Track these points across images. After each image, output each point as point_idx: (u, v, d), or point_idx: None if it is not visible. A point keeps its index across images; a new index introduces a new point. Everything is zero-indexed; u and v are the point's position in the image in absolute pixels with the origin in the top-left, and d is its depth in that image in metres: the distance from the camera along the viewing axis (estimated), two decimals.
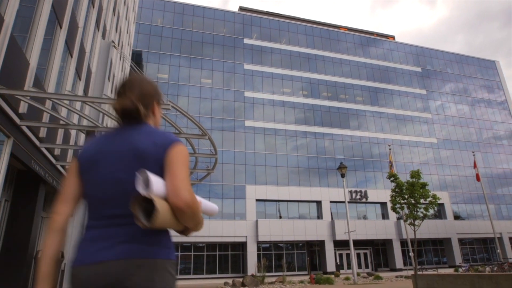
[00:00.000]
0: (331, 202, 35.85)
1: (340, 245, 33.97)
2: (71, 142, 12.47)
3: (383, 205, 37.25)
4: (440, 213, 39.50)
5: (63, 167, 11.85)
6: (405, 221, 14.92)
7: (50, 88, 9.60)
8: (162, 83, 35.76)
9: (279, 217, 34.33)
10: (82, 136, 12.94)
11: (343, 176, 21.95)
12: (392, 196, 15.28)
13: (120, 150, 1.33)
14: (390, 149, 28.80)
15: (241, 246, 32.74)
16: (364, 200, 36.80)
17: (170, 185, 1.22)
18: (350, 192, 36.17)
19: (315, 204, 35.99)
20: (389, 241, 35.71)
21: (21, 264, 8.97)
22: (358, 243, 34.04)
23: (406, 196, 14.55)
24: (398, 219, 35.14)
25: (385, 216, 37.20)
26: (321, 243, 34.10)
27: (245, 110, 37.59)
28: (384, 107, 43.43)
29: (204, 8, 40.89)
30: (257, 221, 32.32)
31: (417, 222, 14.14)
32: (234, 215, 32.40)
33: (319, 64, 42.91)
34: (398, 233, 35.36)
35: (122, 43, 24.60)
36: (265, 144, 36.58)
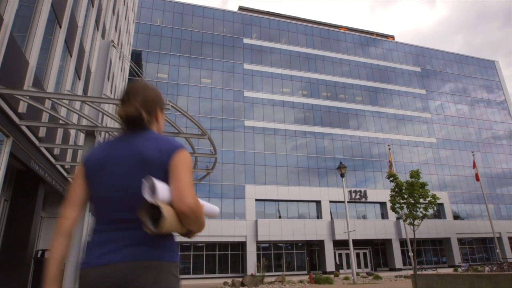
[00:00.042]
0: (330, 202, 35.87)
1: (340, 245, 33.98)
2: (71, 141, 12.46)
3: (382, 205, 37.27)
4: (440, 213, 39.54)
5: (62, 166, 11.84)
6: (404, 221, 14.92)
7: (50, 87, 9.59)
8: (162, 82, 35.75)
9: (278, 217, 34.34)
10: (82, 136, 12.93)
11: (342, 176, 21.97)
12: (391, 196, 15.26)
13: (126, 157, 1.37)
14: (389, 149, 28.82)
15: (240, 246, 32.75)
16: (363, 200, 36.83)
17: (175, 191, 1.27)
18: (350, 192, 36.19)
19: (314, 204, 36.00)
20: (389, 241, 35.74)
21: (20, 263, 8.96)
22: (358, 243, 34.06)
23: (406, 196, 14.53)
24: (398, 219, 35.17)
25: (384, 216, 37.23)
26: (320, 243, 34.12)
27: (244, 110, 37.59)
28: (383, 107, 43.45)
29: (203, 8, 40.87)
30: (256, 221, 32.33)
31: (416, 222, 14.14)
32: (233, 215, 32.39)
33: (318, 64, 42.92)
34: (397, 233, 35.39)
35: (122, 43, 24.59)
36: (264, 144, 36.58)
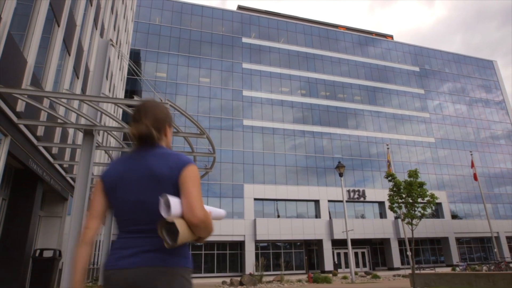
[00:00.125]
0: (329, 201, 35.91)
1: (338, 244, 34.04)
2: (69, 141, 12.44)
3: (381, 204, 37.34)
4: (438, 213, 39.62)
5: (60, 166, 11.82)
6: (402, 220, 14.93)
7: (48, 86, 9.57)
8: (160, 82, 35.71)
9: (277, 216, 34.36)
10: (80, 135, 12.90)
11: (341, 175, 21.98)
12: (389, 196, 15.26)
13: (140, 174, 1.53)
14: (388, 149, 28.84)
15: (239, 245, 32.76)
16: (362, 199, 36.88)
17: (186, 205, 1.44)
18: (348, 191, 36.23)
19: (313, 203, 36.03)
20: (387, 240, 35.81)
21: (18, 263, 8.95)
22: (356, 242, 34.11)
23: (404, 196, 14.54)
24: (396, 218, 35.25)
25: (383, 215, 37.30)
26: (319, 242, 34.16)
27: (243, 109, 37.58)
28: (382, 106, 43.50)
29: (202, 7, 40.82)
30: (255, 220, 32.34)
31: (414, 221, 14.15)
32: (232, 214, 32.38)
33: (317, 64, 42.94)
34: (395, 232, 35.46)
35: (120, 42, 24.54)
36: (263, 143, 36.59)
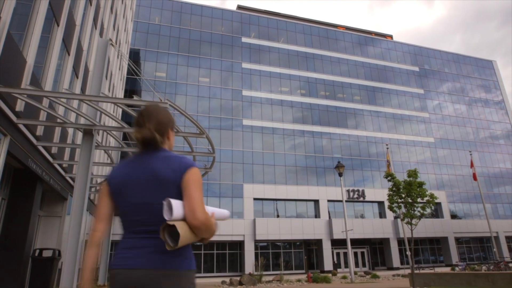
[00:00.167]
0: (328, 201, 35.91)
1: (338, 244, 34.05)
2: (68, 140, 12.44)
3: (380, 204, 37.35)
4: (437, 212, 39.65)
5: (60, 165, 11.82)
6: (402, 220, 14.94)
7: (47, 86, 9.56)
8: (160, 81, 35.70)
9: (276, 216, 34.36)
10: (80, 135, 12.89)
11: (340, 175, 21.98)
12: (389, 195, 15.27)
13: (144, 178, 1.59)
14: (387, 148, 28.87)
15: (238, 245, 32.76)
16: (361, 199, 36.89)
17: (187, 208, 1.49)
18: (348, 191, 36.24)
19: (312, 203, 36.04)
20: (386, 240, 35.83)
21: (18, 262, 8.95)
22: (356, 242, 34.13)
23: (403, 195, 14.56)
24: (395, 218, 35.28)
25: (382, 215, 37.32)
26: (318, 242, 34.17)
27: (243, 109, 37.57)
28: (381, 106, 43.52)
29: (202, 7, 40.81)
30: (254, 219, 32.35)
31: (414, 221, 14.17)
32: (231, 214, 32.35)
33: (317, 63, 42.94)
34: (395, 232, 35.48)
35: (120, 41, 24.53)
36: (263, 143, 36.58)
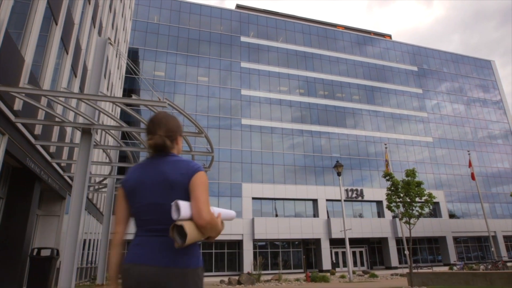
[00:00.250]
0: (327, 200, 35.96)
1: (336, 243, 34.10)
2: (67, 139, 12.41)
3: (378, 203, 37.41)
4: (435, 212, 39.74)
5: (58, 164, 11.79)
6: (400, 219, 14.96)
7: (46, 85, 9.53)
8: (159, 80, 35.65)
9: (275, 215, 34.38)
10: (78, 134, 12.87)
11: (339, 174, 21.99)
12: (387, 195, 15.30)
13: (156, 180, 1.73)
14: (386, 148, 28.93)
15: (237, 244, 32.78)
16: (360, 198, 36.94)
17: (194, 209, 1.62)
18: (346, 190, 36.29)
19: (311, 203, 36.08)
20: (385, 240, 35.90)
21: (16, 262, 8.93)
22: (354, 241, 34.16)
23: (402, 195, 14.58)
24: (394, 217, 35.35)
25: (380, 214, 37.38)
26: (317, 241, 34.21)
27: (241, 108, 37.56)
28: (380, 105, 43.57)
29: (201, 6, 40.76)
30: (253, 219, 32.36)
31: (412, 221, 14.20)
32: None
33: (315, 63, 42.95)
34: (393, 231, 35.55)
35: (119, 40, 24.48)
36: (261, 142, 36.59)
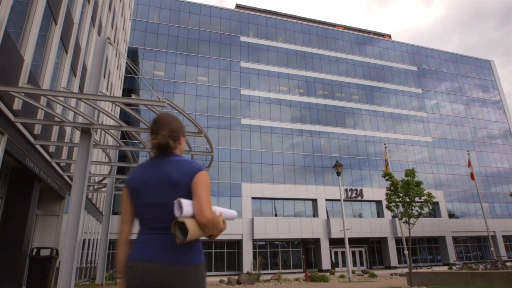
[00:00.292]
0: (326, 200, 35.97)
1: (336, 243, 34.12)
2: (66, 139, 12.40)
3: (378, 203, 37.42)
4: (435, 212, 39.77)
5: (58, 164, 11.79)
6: (400, 219, 14.99)
7: (45, 84, 9.52)
8: (158, 80, 35.63)
9: (274, 215, 34.39)
10: (77, 133, 12.86)
11: (338, 174, 21.99)
12: (387, 195, 15.32)
13: (159, 180, 1.77)
14: (385, 148, 28.94)
15: (236, 244, 32.78)
16: (359, 198, 36.95)
17: (196, 207, 1.66)
18: (346, 190, 36.30)
19: (310, 202, 36.09)
20: (384, 239, 35.92)
21: (15, 261, 8.92)
22: (353, 241, 34.19)
23: (401, 195, 14.61)
24: (393, 217, 35.36)
25: (380, 214, 37.39)
26: (316, 241, 34.22)
27: (241, 108, 37.56)
28: (380, 105, 43.58)
29: (200, 6, 40.74)
30: (252, 219, 32.37)
31: (412, 221, 14.22)
32: None
33: (315, 62, 42.95)
34: (393, 231, 35.56)
35: (118, 40, 24.46)
36: (261, 142, 36.58)
